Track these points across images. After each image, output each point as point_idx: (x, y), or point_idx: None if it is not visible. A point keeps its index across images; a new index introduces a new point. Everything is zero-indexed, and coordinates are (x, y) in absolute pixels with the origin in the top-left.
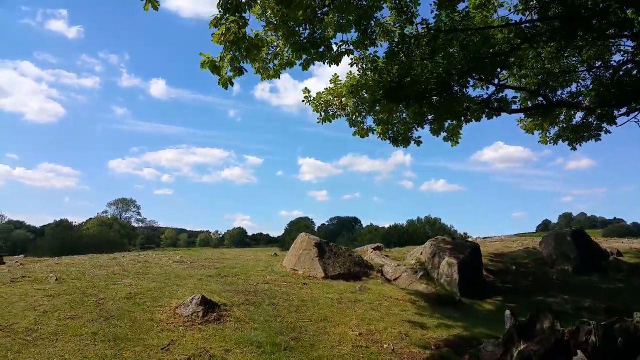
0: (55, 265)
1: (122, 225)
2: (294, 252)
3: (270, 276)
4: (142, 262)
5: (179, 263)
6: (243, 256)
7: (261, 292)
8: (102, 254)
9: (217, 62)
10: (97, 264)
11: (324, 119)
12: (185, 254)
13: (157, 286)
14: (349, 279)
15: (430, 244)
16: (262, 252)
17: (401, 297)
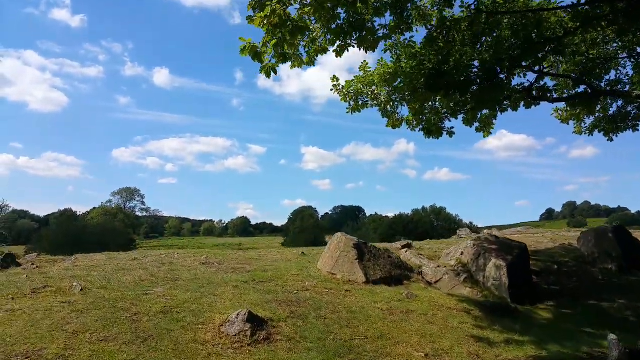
0: (74, 267)
1: (126, 214)
2: (329, 254)
3: (309, 282)
4: (167, 265)
5: (206, 265)
6: (269, 256)
7: (304, 302)
8: (109, 244)
9: (258, 47)
10: (119, 267)
11: (353, 108)
12: (209, 254)
13: (192, 296)
14: (390, 283)
15: (473, 244)
16: (288, 250)
17: (453, 306)
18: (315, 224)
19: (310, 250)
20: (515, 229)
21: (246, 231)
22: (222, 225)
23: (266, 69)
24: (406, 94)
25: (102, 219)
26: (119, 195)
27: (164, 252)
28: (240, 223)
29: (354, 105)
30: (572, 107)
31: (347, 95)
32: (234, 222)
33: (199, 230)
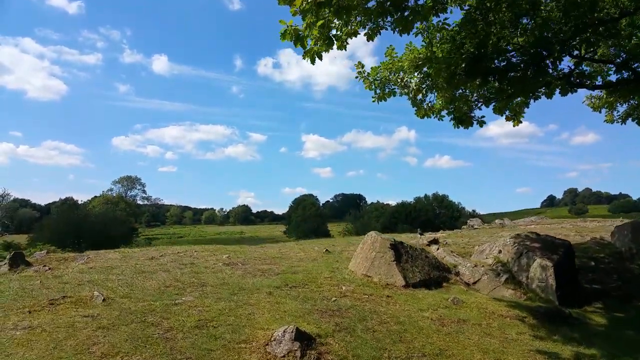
0: (89, 270)
1: (127, 203)
2: (363, 255)
3: (345, 286)
4: (188, 266)
5: (230, 266)
6: (292, 254)
7: (346, 311)
8: (111, 233)
9: (301, 30)
10: (138, 269)
11: (380, 97)
12: (230, 252)
13: (226, 306)
14: (430, 285)
15: (513, 241)
16: (309, 246)
17: (505, 312)
18: (316, 213)
19: (332, 246)
20: (528, 219)
21: (247, 219)
22: (223, 214)
23: (311, 54)
24: (440, 81)
25: (103, 208)
26: (120, 183)
27: (181, 249)
28: (241, 211)
29: (380, 93)
30: (609, 95)
31: (373, 82)
32: (235, 211)
33: (200, 218)
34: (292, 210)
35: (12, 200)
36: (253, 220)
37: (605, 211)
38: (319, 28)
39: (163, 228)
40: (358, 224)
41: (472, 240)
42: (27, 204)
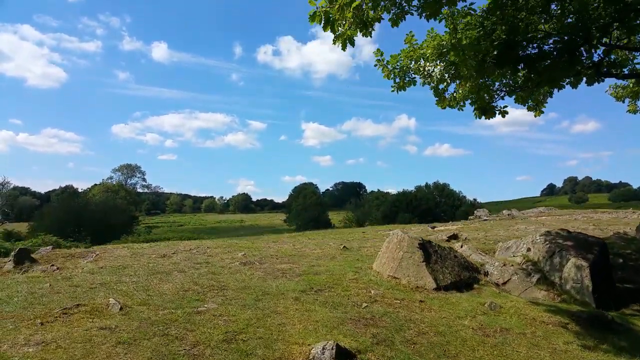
0: (100, 270)
1: (127, 191)
2: (389, 255)
3: (373, 289)
4: (203, 265)
5: (248, 266)
6: (308, 250)
7: (380, 319)
8: (111, 222)
9: (332, 13)
10: (152, 269)
11: (399, 86)
12: (245, 249)
13: (253, 315)
14: (461, 288)
15: (543, 239)
16: (323, 241)
17: (546, 319)
18: (317, 201)
19: (348, 241)
20: (537, 210)
21: (247, 208)
22: (223, 202)
23: (342, 39)
24: (466, 70)
25: (103, 196)
26: (120, 171)
27: (193, 244)
28: (241, 199)
29: (399, 82)
30: (636, 84)
31: (392, 71)
32: (235, 199)
33: (200, 206)
34: (292, 198)
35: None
36: (253, 208)
37: (606, 200)
38: (354, 10)
39: (163, 216)
40: (359, 213)
41: (490, 234)
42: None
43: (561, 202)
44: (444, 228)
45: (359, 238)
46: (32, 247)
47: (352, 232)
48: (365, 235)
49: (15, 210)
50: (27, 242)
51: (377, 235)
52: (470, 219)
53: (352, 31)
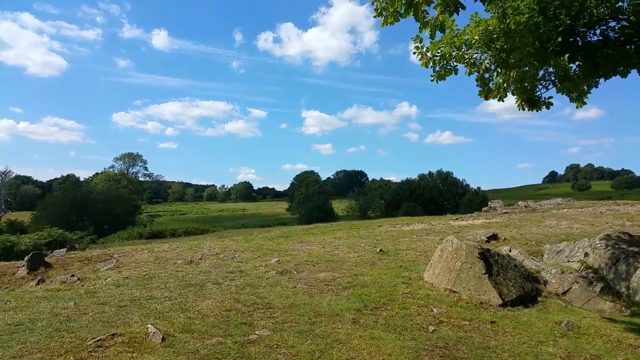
0: (125, 280)
1: (129, 180)
2: (444, 264)
3: (435, 307)
4: (237, 275)
5: (286, 276)
6: (341, 253)
7: (455, 348)
8: (114, 211)
9: None
10: (181, 279)
11: (439, 76)
12: (274, 252)
13: (314, 346)
14: (526, 302)
15: (604, 243)
16: (351, 240)
17: (633, 341)
18: (320, 190)
19: (377, 241)
20: (554, 201)
21: (249, 196)
22: (225, 190)
23: (433, 25)
24: (519, 57)
25: (105, 185)
26: (122, 160)
27: (217, 246)
28: (242, 188)
29: (440, 71)
30: None
31: (432, 59)
32: (237, 187)
33: (201, 195)
34: (294, 187)
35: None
36: (254, 197)
37: (608, 187)
38: None
39: (165, 205)
40: (362, 201)
41: (523, 232)
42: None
43: (564, 189)
44: (469, 223)
45: (387, 237)
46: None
47: (369, 226)
48: (389, 232)
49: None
50: (33, 236)
51: (404, 234)
52: (485, 210)
53: (444, 16)
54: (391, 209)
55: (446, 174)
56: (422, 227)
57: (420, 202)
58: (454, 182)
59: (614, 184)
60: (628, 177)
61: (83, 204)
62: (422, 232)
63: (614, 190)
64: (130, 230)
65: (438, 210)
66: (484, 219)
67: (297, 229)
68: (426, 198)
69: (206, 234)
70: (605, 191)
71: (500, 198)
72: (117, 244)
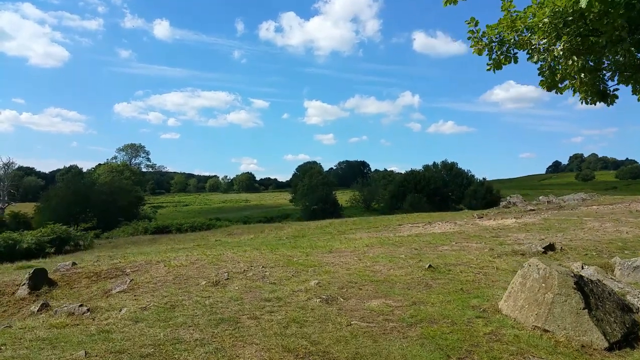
0: (143, 314)
1: (132, 171)
2: (529, 294)
3: (531, 355)
4: (274, 302)
5: (334, 306)
6: (384, 269)
7: None
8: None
9: None
10: (210, 310)
11: (495, 64)
12: (305, 267)
13: None
14: (630, 341)
15: None
16: (390, 249)
17: None
18: (323, 181)
19: (416, 250)
20: (578, 196)
21: (251, 187)
22: (227, 181)
23: None
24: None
25: (108, 176)
26: (124, 151)
27: (240, 258)
28: (245, 179)
29: (496, 59)
30: None
31: (488, 45)
32: (239, 178)
33: (204, 186)
34: (297, 178)
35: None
36: (257, 187)
37: (613, 177)
38: None
39: (168, 196)
40: (365, 192)
41: (571, 237)
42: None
43: (568, 180)
44: (499, 223)
45: (423, 243)
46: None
47: (388, 224)
48: (420, 236)
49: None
50: (36, 233)
51: (438, 238)
52: (504, 206)
53: None
54: (395, 200)
55: (451, 164)
56: (451, 228)
57: (425, 194)
58: (458, 172)
59: (618, 174)
60: (633, 167)
61: (86, 196)
62: (456, 236)
63: (618, 180)
64: (135, 225)
65: (443, 201)
66: (513, 217)
67: (310, 227)
68: (431, 189)
69: (213, 230)
70: (609, 181)
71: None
72: (123, 240)
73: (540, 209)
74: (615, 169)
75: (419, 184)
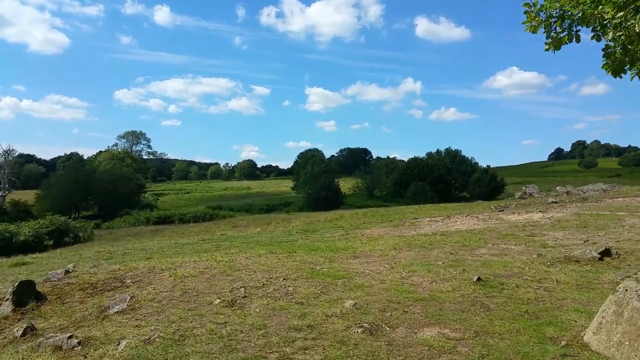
0: (146, 349)
1: (133, 158)
2: (630, 329)
3: None
4: (307, 333)
5: (380, 337)
6: (425, 282)
7: None
8: (119, 190)
9: None
10: (229, 343)
11: (555, 43)
12: (340, 282)
13: None
14: None
15: None
16: (422, 252)
17: None
18: (325, 169)
19: (452, 254)
20: (599, 187)
21: (253, 174)
22: (229, 169)
23: None
24: None
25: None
26: (125, 138)
27: (257, 267)
28: (246, 166)
29: (556, 36)
30: None
31: (546, 22)
32: (240, 165)
33: (205, 173)
34: (299, 165)
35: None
36: (258, 175)
37: (615, 164)
38: None
39: (169, 183)
40: (368, 180)
41: (615, 237)
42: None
43: (570, 167)
44: (527, 218)
45: (457, 245)
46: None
47: (402, 217)
48: (446, 235)
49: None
50: (34, 224)
51: (468, 237)
52: (520, 197)
53: None
54: (399, 188)
55: (454, 152)
56: (475, 224)
57: (428, 182)
58: (462, 160)
59: (621, 161)
60: (636, 154)
61: (87, 184)
62: (487, 234)
63: (621, 167)
64: (136, 215)
65: (447, 189)
66: (538, 212)
67: (320, 219)
68: (434, 177)
69: (217, 221)
70: (612, 168)
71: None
72: (124, 231)
73: (563, 201)
74: (617, 156)
75: (423, 171)
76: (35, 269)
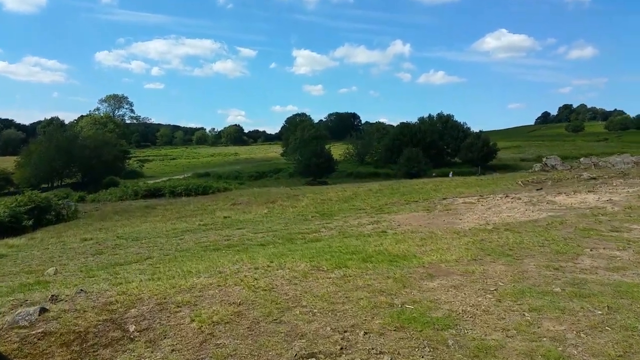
0: None
1: (116, 123)
2: None
3: None
4: None
5: None
6: (587, 344)
7: None
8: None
9: None
10: None
11: None
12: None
13: None
14: None
15: None
16: (530, 272)
17: None
18: (315, 134)
19: (588, 285)
20: (628, 160)
21: (240, 140)
22: (215, 134)
23: None
24: None
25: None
26: (107, 102)
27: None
28: (233, 131)
29: None
30: None
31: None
32: (227, 130)
33: (191, 138)
34: (287, 131)
35: None
36: (245, 140)
37: (602, 129)
38: None
39: (154, 149)
40: (359, 146)
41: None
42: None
43: (557, 131)
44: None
45: (547, 249)
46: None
47: (426, 196)
48: (509, 228)
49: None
50: (11, 202)
51: (561, 243)
52: (542, 168)
53: None
54: (390, 153)
55: (447, 117)
56: (531, 211)
57: (421, 147)
58: (454, 125)
59: (607, 125)
60: (622, 118)
61: (69, 150)
62: (561, 229)
63: (607, 132)
64: (123, 187)
65: (439, 155)
66: (587, 191)
67: (332, 199)
68: (427, 143)
69: (213, 196)
70: (599, 132)
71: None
72: (111, 207)
73: (602, 176)
74: (604, 120)
75: (415, 137)
76: (7, 273)
